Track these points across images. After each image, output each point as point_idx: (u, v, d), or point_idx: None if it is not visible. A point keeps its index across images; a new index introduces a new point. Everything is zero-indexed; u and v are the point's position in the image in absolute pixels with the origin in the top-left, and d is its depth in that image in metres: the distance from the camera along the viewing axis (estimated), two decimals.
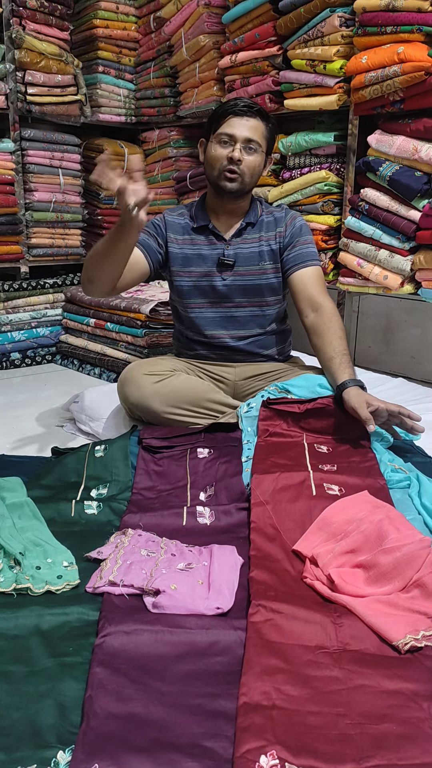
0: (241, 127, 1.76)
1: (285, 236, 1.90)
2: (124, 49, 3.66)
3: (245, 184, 1.81)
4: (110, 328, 2.93)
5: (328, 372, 1.74)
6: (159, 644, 0.98)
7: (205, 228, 1.91)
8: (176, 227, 1.93)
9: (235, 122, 1.76)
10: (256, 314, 1.94)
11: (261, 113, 1.79)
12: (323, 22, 2.49)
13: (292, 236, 1.90)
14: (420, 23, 2.17)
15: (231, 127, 1.76)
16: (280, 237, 1.91)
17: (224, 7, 3.02)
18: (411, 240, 2.36)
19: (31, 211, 3.37)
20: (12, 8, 3.12)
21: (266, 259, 1.91)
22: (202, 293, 1.93)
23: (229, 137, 1.77)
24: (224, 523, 1.38)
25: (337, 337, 1.77)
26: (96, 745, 0.82)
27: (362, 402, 1.57)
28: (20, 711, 0.89)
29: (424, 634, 1.00)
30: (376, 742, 0.82)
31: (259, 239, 1.91)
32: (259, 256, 1.90)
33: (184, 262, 1.92)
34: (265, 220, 1.93)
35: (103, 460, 1.65)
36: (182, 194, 3.54)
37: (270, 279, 1.92)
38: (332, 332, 1.77)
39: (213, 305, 1.93)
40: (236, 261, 1.90)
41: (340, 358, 1.72)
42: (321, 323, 1.79)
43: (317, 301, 1.83)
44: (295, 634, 1.00)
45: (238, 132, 1.76)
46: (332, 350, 1.74)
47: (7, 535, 1.26)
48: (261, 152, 1.81)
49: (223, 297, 1.92)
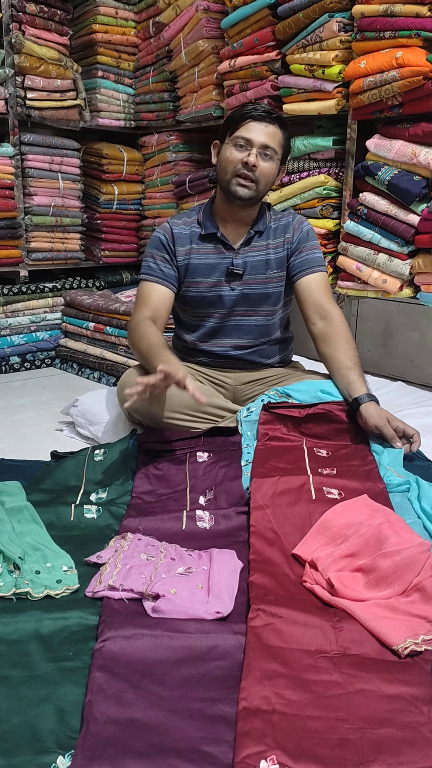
0: (258, 132, 1.73)
1: (293, 242, 1.89)
2: (123, 53, 3.67)
3: (258, 192, 1.78)
4: (110, 332, 2.93)
5: (342, 382, 1.73)
6: (159, 649, 0.98)
7: (213, 236, 1.88)
8: (182, 239, 1.88)
9: (253, 127, 1.73)
10: (261, 324, 1.92)
11: (280, 120, 1.77)
12: (322, 27, 2.50)
13: (299, 241, 1.89)
14: (418, 28, 2.18)
15: (248, 132, 1.73)
16: (288, 243, 1.89)
17: (223, 12, 3.02)
18: (410, 244, 2.36)
19: (30, 215, 3.37)
20: (11, 13, 3.13)
21: (273, 268, 1.89)
22: (209, 303, 1.90)
23: (245, 141, 1.74)
24: (224, 527, 1.38)
25: (351, 347, 1.77)
26: (96, 750, 0.82)
27: (385, 421, 1.59)
28: (20, 716, 0.89)
29: (423, 638, 0.99)
30: (376, 747, 0.82)
31: (266, 247, 1.89)
32: (266, 264, 1.88)
33: (191, 272, 1.89)
34: (273, 227, 1.90)
35: (102, 464, 1.65)
36: (181, 198, 3.55)
37: (276, 287, 1.91)
38: (344, 342, 1.77)
39: (219, 315, 1.91)
40: (245, 270, 1.87)
41: (356, 370, 1.72)
42: (331, 331, 1.79)
43: (325, 308, 1.83)
44: (294, 639, 0.99)
45: (255, 137, 1.73)
46: (346, 360, 1.74)
47: (7, 539, 1.25)
48: (276, 160, 1.78)
49: (231, 307, 1.90)
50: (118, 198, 3.72)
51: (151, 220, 3.78)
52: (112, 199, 3.71)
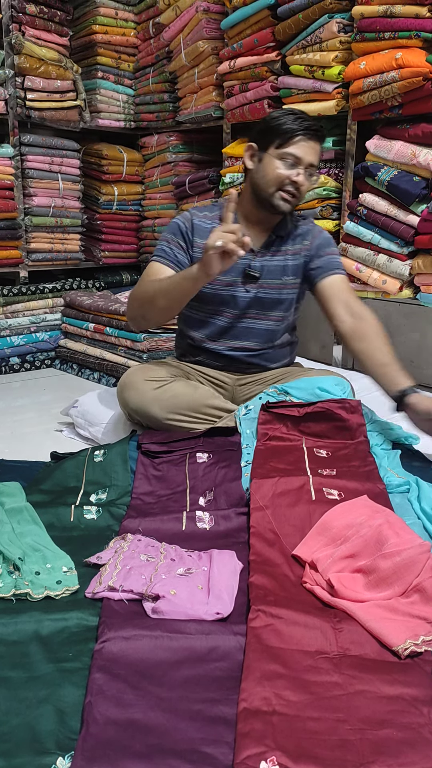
0: (308, 150, 1.74)
1: (311, 249, 1.89)
2: (123, 54, 3.67)
3: (296, 206, 1.82)
4: (109, 333, 2.93)
5: (383, 377, 1.71)
6: (158, 650, 0.98)
7: None
8: (202, 231, 1.85)
9: (303, 145, 1.73)
10: (270, 328, 1.92)
11: (323, 137, 1.79)
12: (321, 28, 2.50)
13: (318, 247, 1.89)
14: (418, 29, 2.18)
15: (299, 150, 1.72)
16: (306, 250, 1.89)
17: (223, 13, 3.03)
18: (409, 245, 2.36)
19: (30, 216, 3.38)
20: (11, 14, 3.13)
21: (289, 274, 1.89)
22: (222, 301, 1.89)
23: (295, 159, 1.73)
24: (224, 528, 1.38)
25: (387, 343, 1.77)
26: (95, 752, 0.82)
27: None
28: (19, 717, 0.89)
29: (424, 639, 0.99)
30: (376, 748, 0.82)
31: (286, 252, 1.89)
32: (283, 270, 1.88)
33: None
34: (293, 232, 1.90)
35: (102, 465, 1.65)
36: (181, 199, 3.55)
37: (290, 294, 1.91)
38: (381, 338, 1.77)
39: (230, 315, 1.91)
40: (262, 274, 1.87)
41: (395, 364, 1.72)
42: (367, 328, 1.79)
43: (354, 306, 1.83)
44: (294, 640, 0.99)
45: (304, 156, 1.73)
46: (385, 356, 1.74)
47: (6, 540, 1.25)
48: (315, 173, 1.81)
49: (243, 308, 1.90)
50: (117, 199, 3.73)
51: (151, 220, 3.79)
52: (112, 200, 3.71)
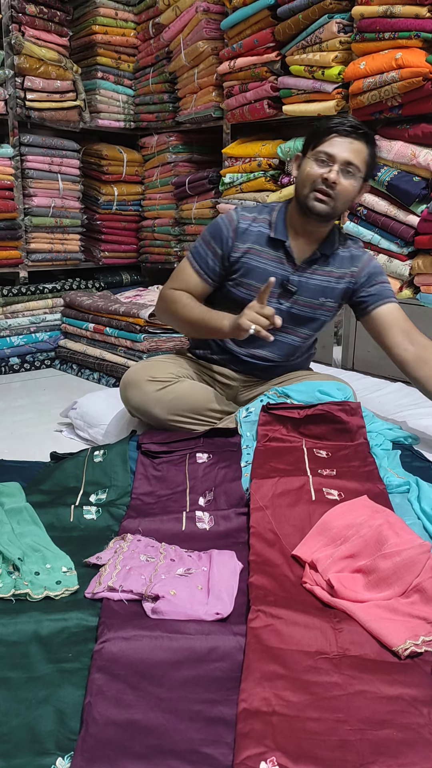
0: (342, 147, 1.65)
1: (361, 276, 1.83)
2: (123, 55, 3.67)
3: (335, 209, 1.70)
4: (109, 333, 2.93)
5: None
6: (158, 650, 0.98)
7: (281, 244, 1.80)
8: (246, 236, 1.80)
9: (337, 142, 1.66)
10: (296, 344, 1.89)
11: (367, 136, 1.68)
12: (321, 28, 2.50)
13: (369, 276, 1.83)
14: (418, 29, 2.18)
15: (332, 147, 1.65)
16: (353, 277, 1.84)
17: (223, 14, 3.03)
18: (409, 245, 2.37)
19: (30, 216, 3.38)
20: (11, 14, 3.13)
21: (328, 296, 1.84)
22: None
23: (328, 157, 1.66)
24: (223, 528, 1.38)
25: None
26: (95, 752, 0.82)
27: None
28: (19, 717, 0.89)
29: (424, 639, 0.99)
30: (376, 748, 0.82)
31: (329, 273, 1.83)
32: (322, 291, 1.83)
33: (245, 272, 1.81)
34: (340, 254, 1.84)
35: (102, 465, 1.65)
36: (181, 199, 3.55)
37: (325, 315, 1.87)
38: None
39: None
40: (298, 289, 1.81)
41: None
42: (429, 355, 1.78)
43: (414, 334, 1.81)
44: (294, 640, 0.99)
45: (338, 153, 1.65)
46: None
47: (6, 540, 1.25)
48: (359, 177, 1.70)
49: None
50: (117, 199, 3.73)
51: (151, 221, 3.79)
52: (112, 200, 3.71)
